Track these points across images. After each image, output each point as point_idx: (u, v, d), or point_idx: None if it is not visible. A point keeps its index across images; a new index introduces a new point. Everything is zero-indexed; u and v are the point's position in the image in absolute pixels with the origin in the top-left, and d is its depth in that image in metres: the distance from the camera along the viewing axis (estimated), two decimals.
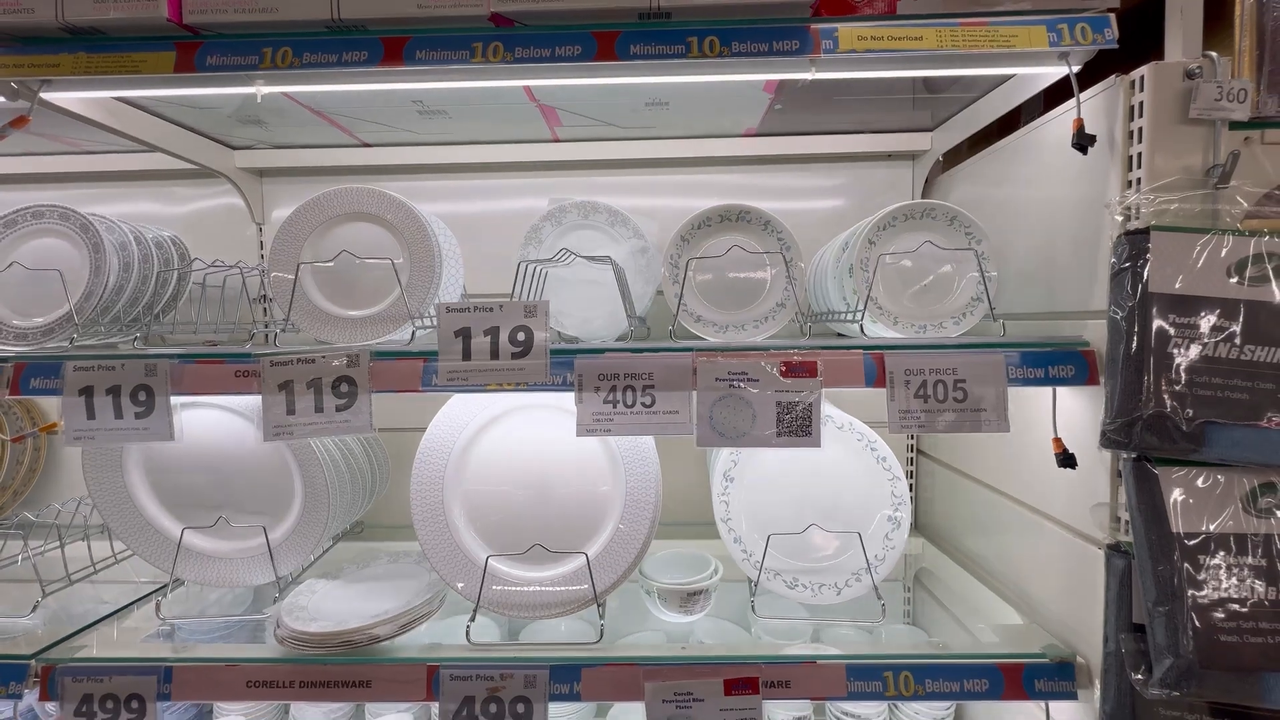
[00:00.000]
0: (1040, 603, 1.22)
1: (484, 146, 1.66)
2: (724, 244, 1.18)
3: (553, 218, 1.36)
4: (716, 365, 1.04)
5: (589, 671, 1.08)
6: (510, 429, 1.26)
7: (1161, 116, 0.94)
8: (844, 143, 1.64)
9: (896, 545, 1.25)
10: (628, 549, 1.19)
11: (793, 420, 1.03)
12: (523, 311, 1.06)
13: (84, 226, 1.29)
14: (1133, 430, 0.89)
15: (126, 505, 1.27)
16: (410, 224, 1.20)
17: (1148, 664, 0.88)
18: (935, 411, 1.02)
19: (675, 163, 1.70)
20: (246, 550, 1.29)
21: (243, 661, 1.11)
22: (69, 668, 1.12)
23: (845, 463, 1.31)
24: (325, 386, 1.06)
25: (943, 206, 1.17)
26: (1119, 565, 0.95)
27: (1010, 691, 1.06)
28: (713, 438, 1.03)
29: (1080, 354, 1.03)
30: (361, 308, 1.21)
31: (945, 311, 1.18)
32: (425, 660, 1.10)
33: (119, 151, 1.71)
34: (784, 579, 1.27)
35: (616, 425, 1.04)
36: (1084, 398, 1.08)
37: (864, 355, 1.04)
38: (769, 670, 1.07)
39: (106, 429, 1.08)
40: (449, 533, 1.20)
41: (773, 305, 1.21)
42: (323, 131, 1.59)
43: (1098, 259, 1.04)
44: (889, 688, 1.07)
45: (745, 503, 1.31)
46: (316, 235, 1.22)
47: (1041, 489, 1.22)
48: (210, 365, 1.08)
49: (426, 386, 1.06)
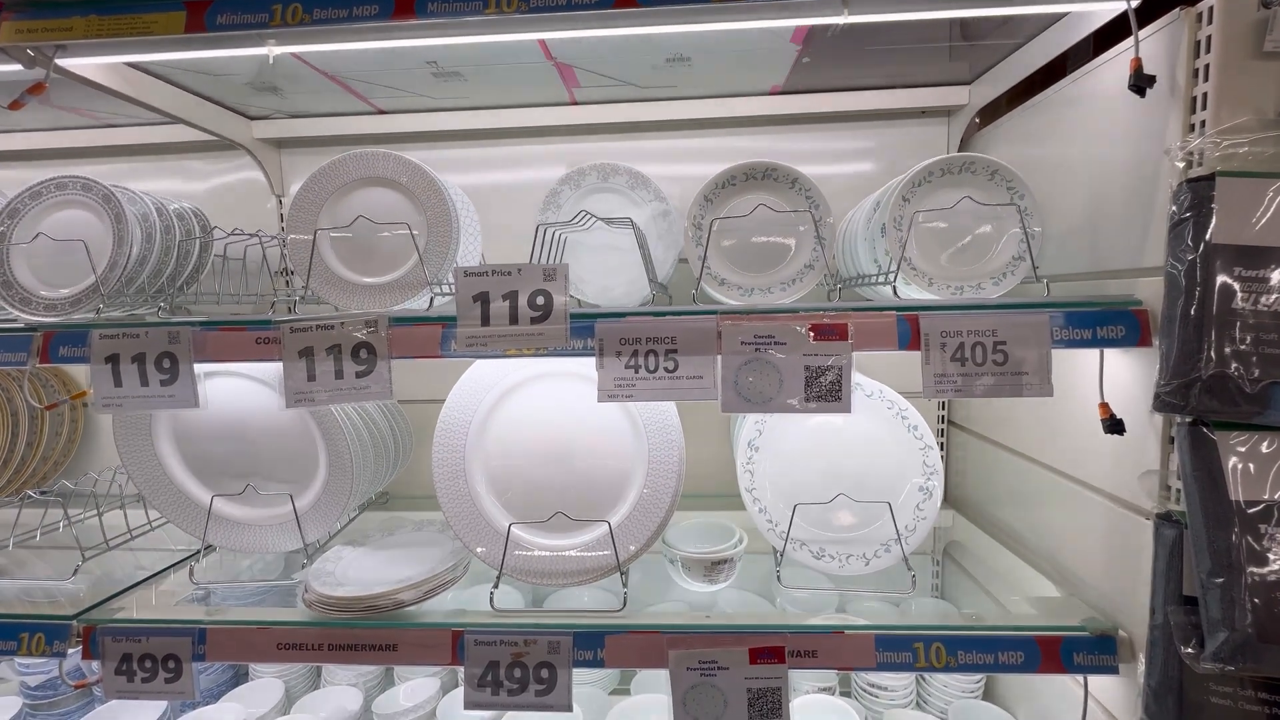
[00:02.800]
0: (1078, 576, 1.17)
1: (502, 111, 1.62)
2: (749, 203, 1.13)
3: (571, 181, 1.32)
4: (742, 328, 1.00)
5: (613, 638, 1.08)
6: (531, 397, 1.24)
7: (1231, 51, 0.86)
8: (875, 99, 1.56)
9: (928, 516, 1.22)
10: (651, 517, 1.17)
11: (822, 385, 0.99)
12: (541, 275, 1.03)
13: (106, 197, 1.29)
14: (1190, 392, 0.83)
15: (158, 473, 1.29)
16: (426, 188, 1.17)
17: (1199, 638, 0.84)
18: (973, 375, 0.97)
19: (698, 124, 1.64)
20: (274, 518, 1.31)
21: (273, 624, 1.13)
22: (109, 628, 1.15)
23: (875, 431, 1.26)
24: (345, 353, 1.05)
25: (983, 159, 1.10)
26: (1169, 536, 0.90)
27: (1047, 664, 1.02)
28: (738, 403, 1.00)
29: (1132, 313, 0.96)
30: (379, 275, 1.20)
31: (984, 272, 1.12)
32: (450, 625, 1.10)
33: (139, 124, 1.71)
34: (810, 549, 1.25)
35: (639, 391, 1.01)
36: (1132, 361, 1.02)
37: (897, 317, 0.99)
38: (795, 640, 1.05)
39: (133, 396, 1.09)
40: (471, 500, 1.19)
41: (800, 267, 1.16)
42: (338, 99, 1.57)
43: (1153, 213, 0.97)
44: (919, 659, 1.04)
45: (771, 472, 1.28)
46: (333, 201, 1.20)
47: (1083, 458, 1.17)
48: (232, 332, 1.08)
49: (445, 352, 1.05)
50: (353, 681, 1.57)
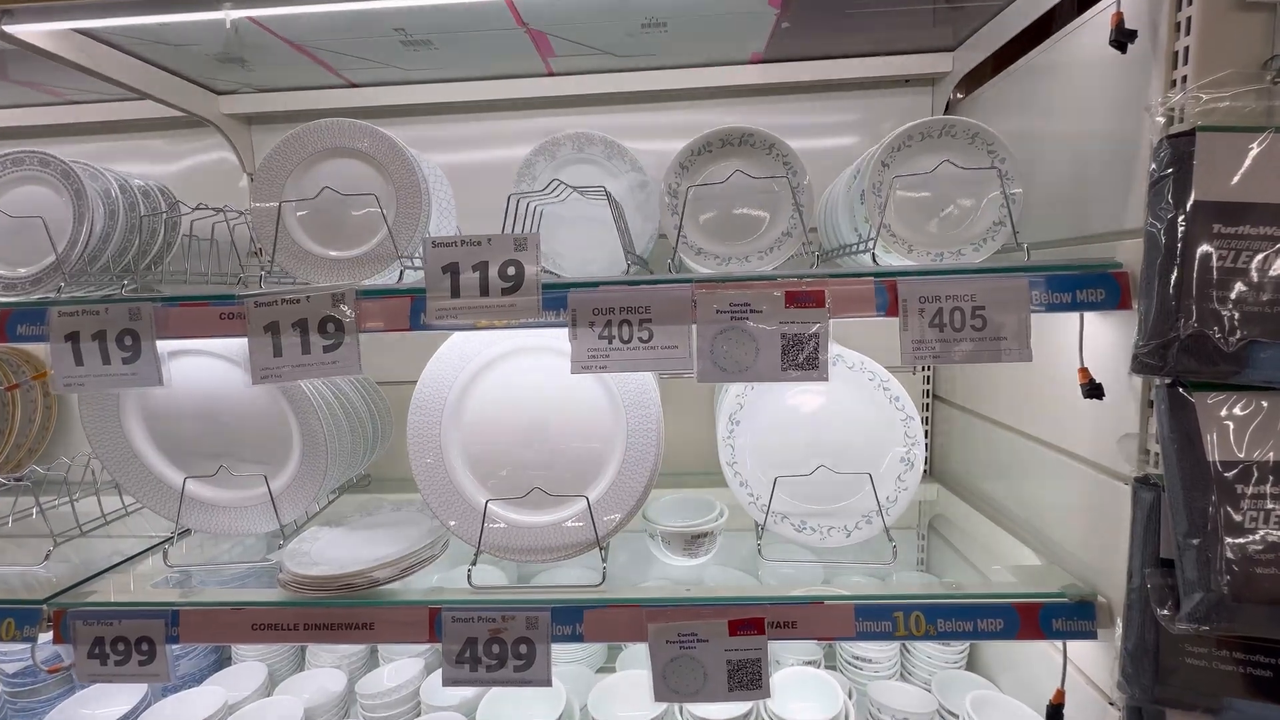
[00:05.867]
0: (1060, 544, 1.17)
1: (476, 84, 1.58)
2: (726, 170, 1.11)
3: (546, 152, 1.29)
4: (717, 296, 0.98)
5: (591, 613, 1.07)
6: (508, 372, 1.21)
7: (1214, 2, 0.84)
8: (858, 67, 1.53)
9: (909, 486, 1.21)
10: (630, 491, 1.16)
11: (799, 353, 0.97)
12: (512, 245, 1.00)
13: (65, 173, 1.25)
14: (1168, 352, 0.82)
15: (128, 455, 1.27)
16: (394, 158, 1.14)
17: (1175, 599, 0.83)
18: (951, 341, 0.96)
19: (677, 95, 1.60)
20: (249, 499, 1.28)
21: (247, 605, 1.11)
22: (80, 612, 1.13)
23: (857, 403, 1.25)
24: (311, 327, 1.02)
25: (964, 122, 1.07)
26: (1147, 499, 0.89)
27: (1026, 631, 1.02)
28: (714, 373, 0.98)
29: (1111, 276, 0.95)
30: (348, 249, 1.17)
31: (964, 238, 1.11)
32: (427, 603, 1.09)
33: (105, 100, 1.66)
34: (792, 522, 1.24)
35: (612, 361, 0.99)
36: (1112, 325, 1.00)
37: (875, 282, 0.97)
38: (774, 611, 1.05)
39: (95, 375, 1.06)
40: (446, 474, 1.17)
41: (778, 234, 1.13)
42: (308, 71, 1.52)
43: (1134, 174, 0.95)
44: (899, 628, 1.04)
45: (752, 446, 1.27)
46: (299, 174, 1.17)
47: (1064, 426, 1.16)
48: (195, 308, 1.05)
49: (415, 325, 1.02)
50: (336, 663, 1.56)
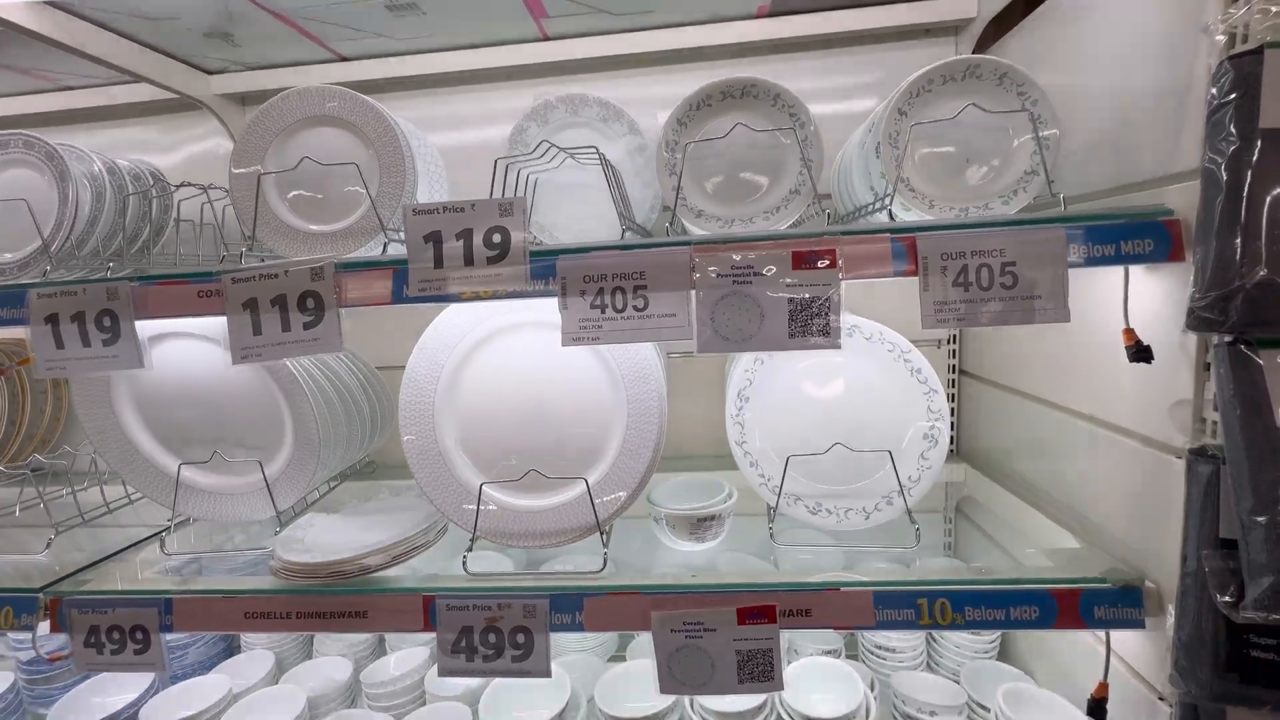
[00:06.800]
0: (1102, 526, 1.07)
1: (468, 52, 1.51)
2: (727, 125, 1.02)
3: (538, 116, 1.22)
4: (718, 259, 0.90)
5: (592, 601, 1.01)
6: (502, 349, 1.15)
7: None
8: (873, 16, 1.42)
9: (933, 464, 1.12)
10: (631, 473, 1.09)
11: (808, 319, 0.89)
12: (497, 210, 0.94)
13: (49, 155, 1.22)
14: (1230, 305, 0.72)
15: (123, 443, 1.24)
16: (375, 125, 1.08)
17: (1238, 584, 0.74)
18: (978, 301, 0.87)
19: (680, 57, 1.51)
20: (246, 485, 1.25)
21: (239, 593, 1.08)
22: (75, 600, 1.11)
23: (875, 376, 1.16)
24: (291, 303, 0.97)
25: (990, 61, 0.97)
26: (1204, 472, 0.79)
27: (1065, 620, 0.93)
28: (716, 342, 0.91)
29: (1162, 224, 0.84)
30: (333, 223, 1.12)
31: (993, 190, 1.01)
32: (421, 590, 1.04)
33: (96, 84, 1.64)
34: (806, 504, 1.16)
35: (606, 332, 0.92)
36: (1161, 280, 0.90)
37: (890, 239, 0.88)
38: (787, 598, 0.97)
39: (76, 358, 1.03)
40: (440, 456, 1.12)
41: (785, 193, 1.05)
42: (296, 45, 1.47)
43: (1187, 107, 0.84)
44: (923, 616, 0.96)
45: (763, 424, 1.19)
46: (279, 145, 1.12)
47: (1105, 396, 1.06)
48: (172, 286, 1.01)
49: (398, 299, 0.97)
50: (343, 652, 1.54)
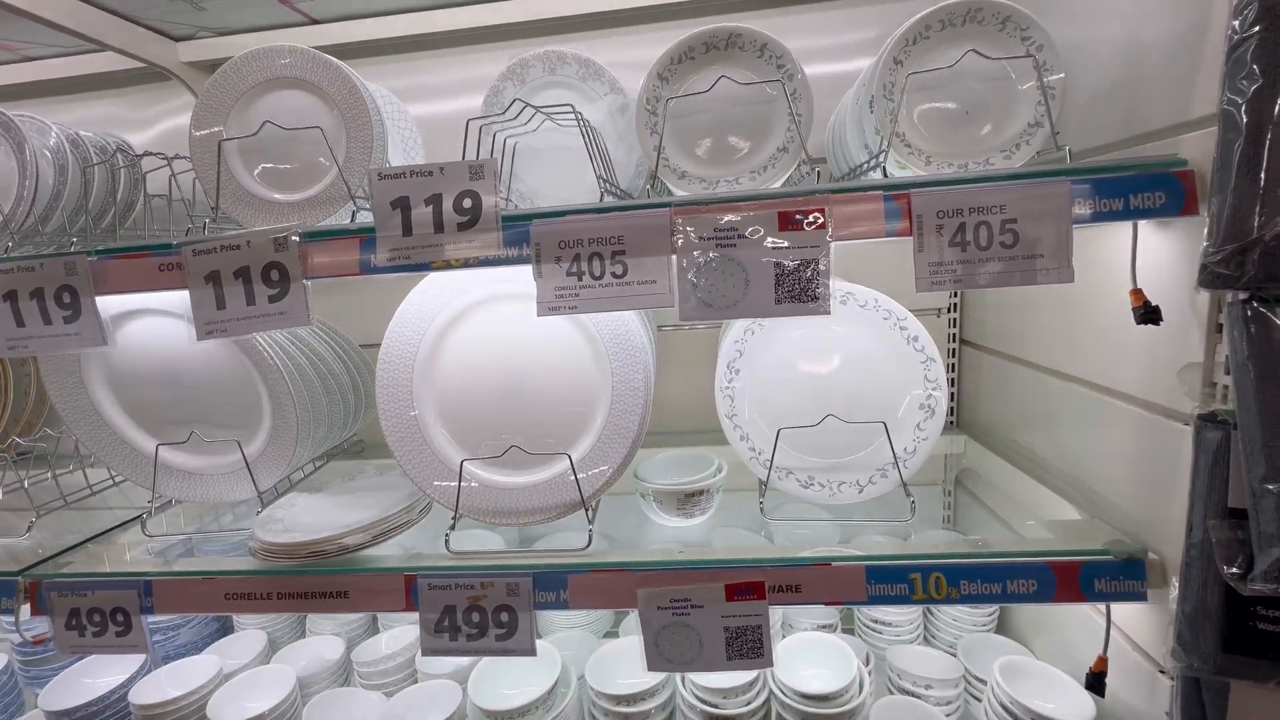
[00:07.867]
0: (1105, 497, 1.04)
1: (441, 12, 1.44)
2: (711, 79, 0.96)
3: (514, 75, 1.15)
4: (699, 221, 0.85)
5: (576, 578, 0.98)
6: (484, 320, 1.10)
7: None
8: None
9: (930, 435, 1.08)
10: (617, 447, 1.06)
11: (796, 283, 0.84)
12: (467, 173, 0.89)
13: (5, 125, 1.17)
14: (1247, 258, 0.67)
15: (98, 424, 1.21)
16: (336, 82, 1.03)
17: (1247, 556, 0.70)
18: (976, 262, 0.82)
19: (664, 13, 1.44)
20: (225, 466, 1.22)
21: (218, 574, 1.06)
22: (55, 583, 1.10)
23: (871, 344, 1.12)
24: (254, 275, 0.93)
25: (992, 4, 0.90)
26: (1212, 439, 0.75)
27: (1064, 593, 0.90)
28: (699, 309, 0.86)
29: (1174, 176, 0.79)
30: (300, 191, 1.07)
31: (994, 145, 0.95)
32: (402, 570, 1.02)
33: (63, 53, 1.58)
34: (798, 478, 1.13)
35: (583, 301, 0.88)
36: (1171, 237, 0.85)
37: (883, 196, 0.83)
38: (776, 574, 0.95)
39: (38, 336, 0.99)
40: (419, 433, 1.08)
41: (773, 151, 0.99)
42: (264, 7, 1.40)
43: (1203, 47, 0.78)
44: (917, 590, 0.93)
45: (753, 396, 1.15)
46: (239, 110, 1.06)
47: (1110, 362, 1.01)
48: (132, 260, 0.97)
49: (366, 270, 0.92)
50: (336, 631, 1.53)
